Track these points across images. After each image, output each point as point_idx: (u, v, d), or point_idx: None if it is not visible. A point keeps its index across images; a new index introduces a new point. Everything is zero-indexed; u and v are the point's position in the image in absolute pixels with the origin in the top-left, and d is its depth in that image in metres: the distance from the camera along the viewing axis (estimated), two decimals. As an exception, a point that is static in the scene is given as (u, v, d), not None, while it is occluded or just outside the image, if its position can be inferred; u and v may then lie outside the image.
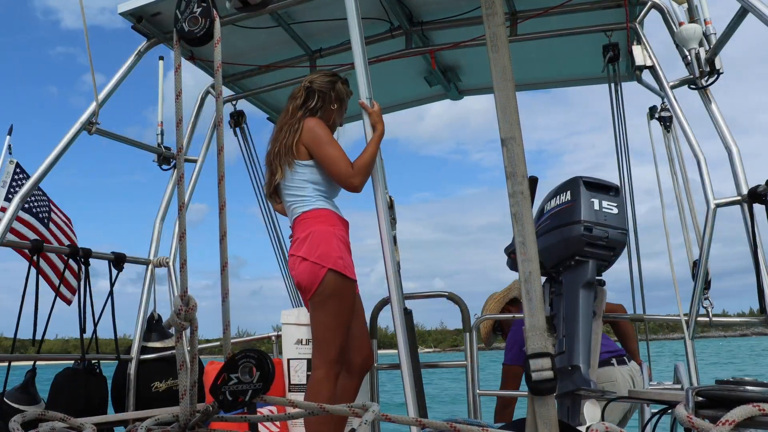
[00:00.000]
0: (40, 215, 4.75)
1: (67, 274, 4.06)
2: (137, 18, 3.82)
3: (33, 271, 3.67)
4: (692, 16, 3.35)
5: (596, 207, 3.15)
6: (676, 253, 3.65)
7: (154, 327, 4.27)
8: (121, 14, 3.80)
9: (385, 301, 3.87)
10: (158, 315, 4.32)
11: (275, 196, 3.21)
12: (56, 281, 4.20)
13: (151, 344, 4.20)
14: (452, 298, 3.95)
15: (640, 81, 3.99)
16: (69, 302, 4.20)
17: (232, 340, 1.84)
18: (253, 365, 1.63)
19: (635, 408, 3.89)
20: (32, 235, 4.53)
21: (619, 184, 3.41)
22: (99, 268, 4.11)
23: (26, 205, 4.61)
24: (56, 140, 3.68)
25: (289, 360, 3.79)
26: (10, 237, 3.74)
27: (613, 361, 3.78)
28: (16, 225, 4.51)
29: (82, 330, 3.79)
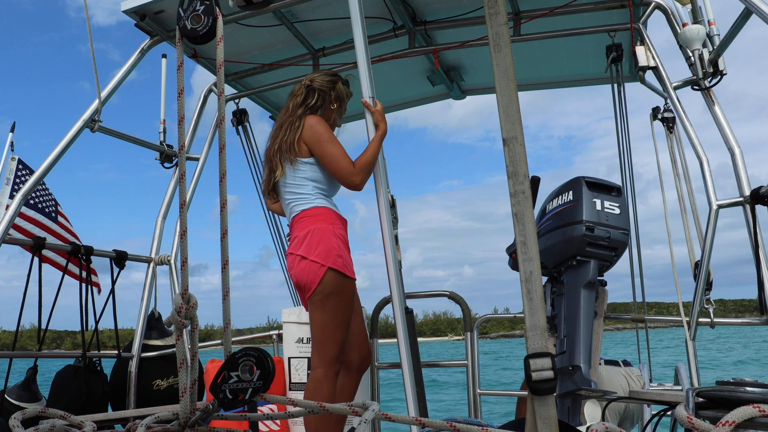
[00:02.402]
0: (47, 210, 4.75)
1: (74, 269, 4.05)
2: (140, 16, 3.83)
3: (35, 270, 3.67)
4: (696, 17, 3.34)
5: (598, 207, 3.15)
6: (679, 253, 3.65)
7: (154, 325, 4.28)
8: (124, 12, 3.80)
9: (387, 300, 3.88)
10: (158, 313, 4.32)
11: (273, 194, 3.20)
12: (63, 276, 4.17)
13: (152, 342, 4.21)
14: (453, 297, 3.95)
15: (643, 82, 3.99)
16: (99, 290, 4.19)
17: (233, 339, 1.84)
18: (253, 363, 1.63)
19: (636, 412, 3.88)
20: (39, 231, 4.53)
21: (621, 184, 3.41)
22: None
23: (32, 201, 4.61)
24: (87, 135, 3.73)
25: (289, 358, 3.80)
26: (15, 234, 3.76)
27: (600, 361, 3.78)
28: (21, 222, 4.51)
29: (84, 327, 3.79)
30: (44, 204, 4.74)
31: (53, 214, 4.75)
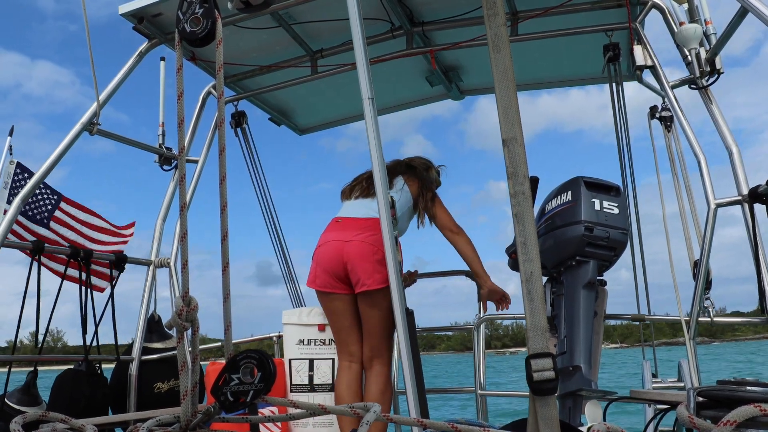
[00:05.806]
0: (38, 217, 4.72)
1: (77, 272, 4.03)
2: (138, 19, 3.82)
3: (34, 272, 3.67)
4: (693, 16, 3.35)
5: (597, 207, 3.15)
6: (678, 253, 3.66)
7: (154, 328, 4.27)
8: (122, 15, 3.79)
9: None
10: (158, 316, 4.32)
11: None
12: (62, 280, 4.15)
13: (152, 345, 4.20)
14: (470, 275, 3.99)
15: (640, 81, 3.99)
16: (102, 290, 4.17)
17: (234, 341, 1.84)
18: (254, 366, 1.62)
19: None
20: (30, 238, 4.51)
21: (621, 184, 3.41)
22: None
23: (23, 209, 4.58)
24: (126, 168, 3.74)
25: (290, 360, 3.80)
26: (12, 238, 3.75)
27: None
28: (17, 228, 4.50)
29: (84, 331, 3.79)
30: (35, 211, 4.71)
31: (45, 221, 4.72)
